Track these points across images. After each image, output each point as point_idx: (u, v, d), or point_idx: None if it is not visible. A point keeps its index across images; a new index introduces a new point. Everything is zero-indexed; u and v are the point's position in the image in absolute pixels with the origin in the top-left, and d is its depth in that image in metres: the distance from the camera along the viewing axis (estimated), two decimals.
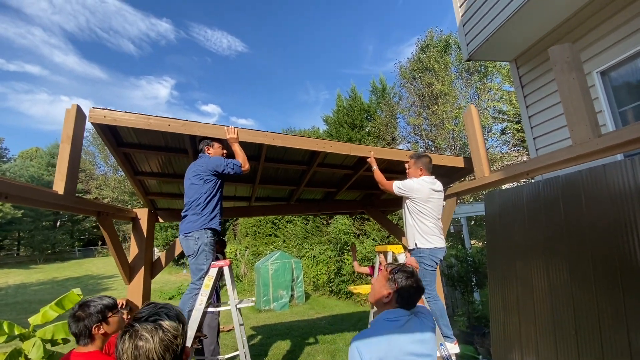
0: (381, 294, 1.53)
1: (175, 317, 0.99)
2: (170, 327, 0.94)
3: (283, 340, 6.35)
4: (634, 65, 3.16)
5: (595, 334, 2.73)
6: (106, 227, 2.96)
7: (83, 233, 38.23)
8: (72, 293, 3.41)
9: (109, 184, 36.76)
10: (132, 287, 3.48)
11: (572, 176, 3.06)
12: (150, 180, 3.71)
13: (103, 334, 1.68)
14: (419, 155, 3.10)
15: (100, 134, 2.66)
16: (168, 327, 0.94)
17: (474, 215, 9.44)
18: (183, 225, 2.68)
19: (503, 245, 3.88)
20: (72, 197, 2.44)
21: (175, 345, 0.93)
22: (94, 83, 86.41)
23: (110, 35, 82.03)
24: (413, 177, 3.01)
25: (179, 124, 2.62)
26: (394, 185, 2.99)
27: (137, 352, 0.88)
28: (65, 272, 22.06)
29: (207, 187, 2.68)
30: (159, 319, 0.94)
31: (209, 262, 2.63)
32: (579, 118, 2.21)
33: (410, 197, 2.93)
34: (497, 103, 12.02)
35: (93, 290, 14.60)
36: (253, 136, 2.86)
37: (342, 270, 10.74)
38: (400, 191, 2.96)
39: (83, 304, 1.72)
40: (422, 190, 2.89)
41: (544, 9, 3.51)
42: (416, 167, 3.06)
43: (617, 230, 2.63)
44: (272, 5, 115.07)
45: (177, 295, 12.61)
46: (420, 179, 2.97)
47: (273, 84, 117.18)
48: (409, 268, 1.60)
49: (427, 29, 15.92)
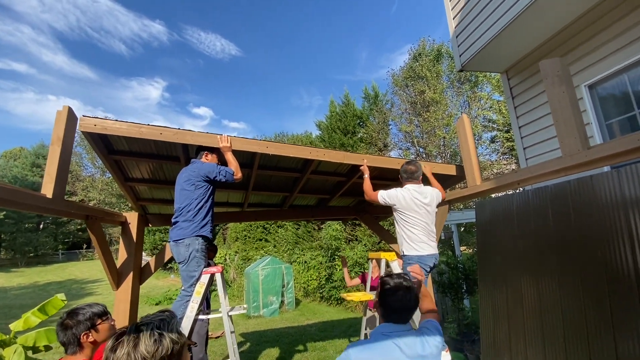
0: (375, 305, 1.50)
1: (176, 326, 0.98)
2: (172, 337, 0.93)
3: (273, 347, 6.26)
4: (621, 79, 3.28)
5: (583, 342, 2.78)
6: (95, 231, 2.89)
7: (67, 236, 37.15)
8: (56, 298, 3.30)
9: (96, 186, 35.99)
10: (120, 293, 3.39)
11: (561, 186, 3.14)
12: (142, 187, 3.66)
13: (92, 342, 1.63)
14: (403, 164, 3.12)
15: (91, 142, 2.62)
16: (169, 336, 0.92)
17: (464, 222, 9.56)
18: (173, 232, 2.63)
19: (493, 253, 3.93)
20: (61, 201, 2.38)
21: (174, 355, 0.91)
22: (83, 83, 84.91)
23: (101, 35, 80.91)
24: (396, 188, 3.04)
25: (171, 133, 2.59)
26: (379, 195, 2.99)
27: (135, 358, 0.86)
28: (48, 276, 21.38)
29: (199, 193, 2.63)
30: (161, 329, 0.93)
31: (200, 269, 2.59)
32: (568, 130, 2.27)
33: (394, 207, 2.94)
34: (487, 112, 12.28)
35: (77, 295, 14.18)
36: (246, 144, 2.84)
37: (333, 276, 10.70)
38: (385, 201, 2.96)
39: (71, 311, 1.67)
40: (405, 198, 2.89)
41: (534, 23, 3.62)
42: (400, 176, 3.09)
43: (604, 239, 2.70)
44: (266, 11, 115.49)
45: (164, 301, 12.35)
46: (405, 188, 2.97)
47: (266, 88, 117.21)
48: (392, 280, 1.50)
49: (420, 38, 16.24)
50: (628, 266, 2.52)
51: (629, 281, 2.50)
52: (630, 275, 2.50)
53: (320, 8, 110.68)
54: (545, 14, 3.49)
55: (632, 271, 2.49)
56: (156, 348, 0.88)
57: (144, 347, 0.87)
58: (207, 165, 2.69)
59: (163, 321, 0.96)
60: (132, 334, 0.90)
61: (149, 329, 0.92)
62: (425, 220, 2.92)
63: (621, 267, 2.56)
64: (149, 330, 0.91)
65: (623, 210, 2.57)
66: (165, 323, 0.96)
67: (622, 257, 2.56)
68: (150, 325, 0.93)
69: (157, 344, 0.89)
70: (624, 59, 3.15)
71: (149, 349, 0.87)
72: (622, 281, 2.54)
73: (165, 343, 0.90)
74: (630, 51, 3.10)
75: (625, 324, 2.50)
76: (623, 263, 2.55)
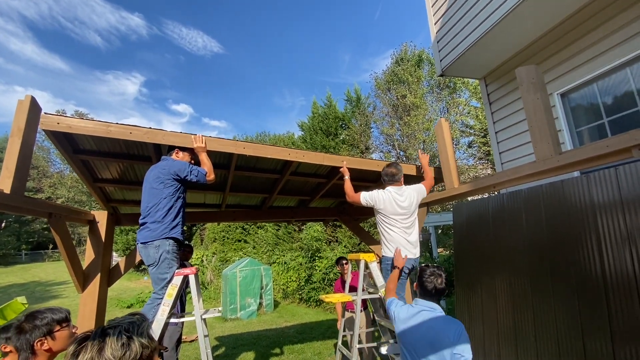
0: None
1: (146, 330, 0.90)
2: (142, 341, 0.85)
3: (249, 351, 6.14)
4: (591, 89, 3.44)
5: (552, 340, 2.87)
6: (58, 231, 2.71)
7: (32, 235, 35.01)
8: (16, 301, 3.06)
9: (65, 182, 34.23)
10: (86, 296, 3.20)
11: (534, 190, 3.25)
12: (112, 188, 3.48)
13: (47, 350, 1.50)
14: (384, 167, 3.13)
15: (54, 141, 2.47)
16: (138, 340, 0.85)
17: (441, 225, 9.79)
18: (141, 233, 2.48)
19: (469, 254, 4.03)
20: (21, 197, 2.21)
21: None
22: (54, 75, 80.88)
23: (75, 26, 77.53)
24: (378, 190, 3.04)
25: (142, 132, 2.47)
26: (361, 197, 2.99)
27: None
28: (9, 277, 20.05)
29: (168, 192, 2.49)
30: (130, 332, 0.85)
31: (172, 270, 2.47)
32: (542, 136, 2.34)
33: (376, 208, 2.95)
34: (465, 117, 12.65)
35: (40, 298, 13.36)
36: (222, 145, 2.75)
37: (312, 277, 10.64)
38: (367, 202, 2.96)
39: (30, 314, 1.53)
40: (386, 200, 2.90)
41: (512, 31, 3.74)
42: (382, 179, 3.10)
43: (573, 242, 2.81)
44: (250, 9, 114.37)
45: (136, 304, 11.85)
46: (386, 189, 2.99)
47: (249, 87, 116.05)
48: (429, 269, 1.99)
49: (402, 43, 16.52)
50: (595, 267, 2.63)
51: (597, 281, 2.61)
52: (598, 275, 2.61)
53: (305, 11, 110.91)
54: (522, 23, 3.62)
55: (599, 271, 2.60)
56: (123, 352, 0.81)
57: (110, 352, 0.80)
58: (177, 163, 2.55)
59: (133, 324, 0.89)
60: (98, 338, 0.82)
61: (116, 332, 0.84)
62: (404, 223, 2.93)
63: (589, 269, 2.67)
64: (117, 334, 0.84)
65: (591, 213, 2.69)
66: (135, 326, 0.89)
67: (591, 260, 2.67)
68: (118, 329, 0.86)
69: (124, 348, 0.82)
70: (594, 69, 3.30)
71: (116, 353, 0.80)
72: (590, 283, 2.65)
73: (134, 347, 0.83)
74: (600, 62, 3.27)
75: (593, 323, 2.60)
76: (591, 265, 2.66)
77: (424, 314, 1.89)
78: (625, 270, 2.42)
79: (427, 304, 1.93)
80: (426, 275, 1.96)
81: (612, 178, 2.55)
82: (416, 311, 1.93)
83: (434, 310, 1.91)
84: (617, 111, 3.21)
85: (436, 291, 1.92)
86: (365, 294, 3.26)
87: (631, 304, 2.36)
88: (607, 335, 2.48)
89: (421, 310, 1.92)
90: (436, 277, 1.94)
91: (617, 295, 2.46)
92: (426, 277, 1.95)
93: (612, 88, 3.27)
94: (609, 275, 2.53)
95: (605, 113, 3.31)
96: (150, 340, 0.90)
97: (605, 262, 2.56)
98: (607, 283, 2.53)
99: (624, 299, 2.41)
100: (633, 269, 2.37)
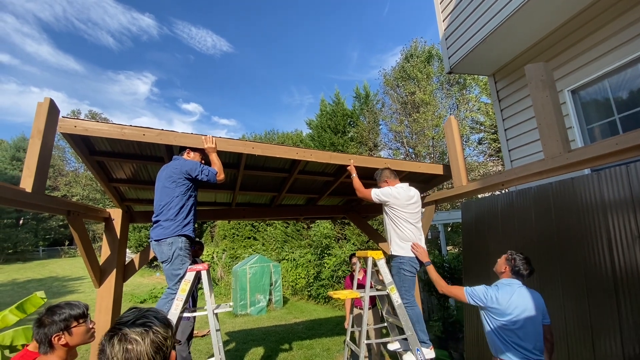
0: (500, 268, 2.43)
1: (164, 320, 0.96)
2: (160, 329, 0.91)
3: (259, 346, 6.24)
4: (602, 85, 3.38)
5: (562, 338, 2.86)
6: (76, 228, 2.82)
7: (48, 232, 36.02)
8: (35, 296, 3.21)
9: (80, 181, 35.08)
10: (102, 291, 3.32)
11: (543, 188, 3.22)
12: (126, 187, 3.59)
13: (64, 344, 1.56)
14: (379, 174, 3.16)
15: (72, 143, 2.56)
16: (158, 329, 0.91)
17: (450, 222, 9.71)
18: (155, 231, 2.54)
19: (478, 252, 4.02)
20: (42, 196, 2.31)
21: (165, 347, 0.90)
22: (68, 75, 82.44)
23: (88, 27, 78.86)
24: (389, 187, 3.06)
25: (154, 134, 2.54)
26: (372, 193, 3.01)
27: (127, 355, 0.84)
28: (27, 273, 20.73)
29: (180, 191, 2.56)
30: (148, 321, 0.92)
31: (185, 267, 2.55)
32: (551, 133, 2.33)
33: (389, 204, 2.97)
34: (475, 114, 12.48)
35: (57, 293, 13.80)
36: (232, 145, 2.80)
37: (321, 274, 10.71)
38: (379, 198, 2.99)
39: (50, 309, 1.61)
40: (400, 196, 2.93)
41: (521, 27, 3.69)
42: (382, 182, 3.11)
43: (583, 239, 2.79)
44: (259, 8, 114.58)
45: (149, 299, 12.14)
46: (397, 186, 3.01)
47: (257, 85, 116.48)
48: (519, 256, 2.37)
49: (412, 39, 16.35)
50: (606, 265, 2.61)
51: (607, 278, 2.59)
52: (608, 273, 2.59)
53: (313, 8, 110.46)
54: (531, 19, 3.57)
55: (610, 270, 2.57)
56: (142, 338, 0.88)
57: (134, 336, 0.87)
58: (189, 162, 2.62)
59: (150, 312, 0.96)
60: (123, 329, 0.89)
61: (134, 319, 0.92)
62: (414, 220, 2.97)
63: (599, 266, 2.65)
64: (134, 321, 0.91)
65: (602, 211, 2.66)
66: (153, 314, 0.96)
67: (601, 257, 2.65)
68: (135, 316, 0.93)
69: (143, 334, 0.88)
70: (606, 65, 3.24)
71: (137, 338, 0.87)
72: (601, 279, 2.63)
73: (151, 335, 0.89)
74: (611, 58, 3.20)
75: (603, 321, 2.59)
76: (602, 262, 2.64)
77: (522, 290, 2.26)
78: (636, 270, 2.40)
79: (517, 282, 2.31)
80: (519, 260, 2.36)
81: (623, 176, 2.53)
82: (515, 288, 2.27)
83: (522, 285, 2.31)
84: (629, 107, 3.15)
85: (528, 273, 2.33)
86: (373, 291, 3.29)
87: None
88: (617, 334, 2.46)
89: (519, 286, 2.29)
90: (526, 262, 2.35)
91: (628, 295, 2.44)
92: (519, 261, 2.35)
93: (623, 84, 3.20)
94: (619, 274, 2.50)
95: (616, 109, 3.25)
96: (168, 327, 0.95)
97: (615, 261, 2.54)
98: (617, 282, 2.51)
99: (635, 298, 2.39)
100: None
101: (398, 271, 2.94)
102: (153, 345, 0.87)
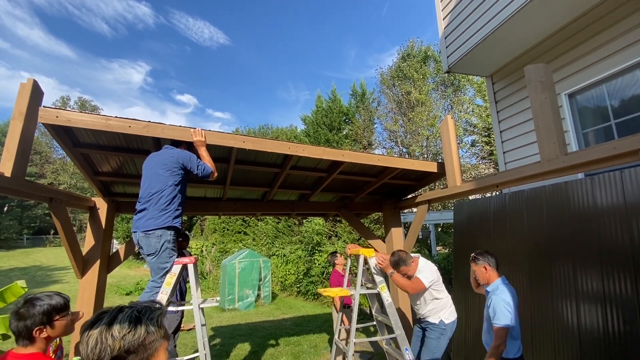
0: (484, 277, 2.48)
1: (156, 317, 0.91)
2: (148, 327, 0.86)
3: (246, 341, 6.18)
4: (599, 90, 3.39)
5: (549, 341, 2.87)
6: (59, 216, 2.71)
7: (34, 220, 35.25)
8: (16, 285, 3.08)
9: (67, 169, 34.33)
10: (85, 282, 3.22)
11: (536, 191, 3.22)
12: (112, 181, 3.49)
13: (45, 337, 1.50)
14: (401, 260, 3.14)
15: (54, 134, 2.45)
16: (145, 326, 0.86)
17: (441, 223, 9.77)
18: (141, 221, 2.38)
19: (469, 253, 4.01)
20: (21, 181, 2.20)
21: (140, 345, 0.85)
22: (60, 61, 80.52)
23: (82, 13, 76.94)
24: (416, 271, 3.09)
25: (141, 126, 2.44)
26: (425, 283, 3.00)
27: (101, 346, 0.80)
28: (11, 261, 20.23)
29: (173, 181, 2.46)
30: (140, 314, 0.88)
31: (172, 260, 2.46)
32: (548, 135, 2.31)
33: (434, 282, 3.04)
34: (469, 116, 12.55)
35: (41, 282, 13.49)
36: (222, 139, 2.72)
37: (311, 271, 10.68)
38: (432, 281, 3.03)
39: (29, 300, 1.52)
40: (434, 271, 3.08)
41: (520, 29, 3.68)
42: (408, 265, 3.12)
43: (574, 243, 2.79)
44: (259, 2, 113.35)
45: (135, 291, 11.94)
46: (421, 260, 3.14)
47: (253, 79, 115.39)
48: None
49: (409, 39, 16.34)
50: (596, 270, 2.61)
51: (597, 284, 2.59)
52: (597, 281, 2.59)
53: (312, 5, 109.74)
54: (531, 22, 3.55)
55: (599, 275, 2.58)
56: (128, 331, 0.83)
57: (117, 329, 0.82)
58: (186, 153, 2.55)
59: (146, 309, 0.91)
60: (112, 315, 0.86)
61: (128, 312, 0.87)
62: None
63: (589, 270, 2.66)
64: (128, 314, 0.87)
65: (594, 216, 2.66)
66: (148, 311, 0.90)
67: (592, 262, 2.65)
68: (132, 310, 0.88)
69: (130, 328, 0.84)
70: (604, 70, 3.25)
71: (122, 331, 0.82)
72: (591, 284, 2.64)
73: (139, 331, 0.85)
74: (610, 63, 3.21)
75: (592, 328, 2.59)
76: (592, 266, 2.64)
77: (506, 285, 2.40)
78: (624, 277, 2.40)
79: (501, 278, 2.44)
80: (490, 255, 2.48)
81: (617, 181, 2.53)
82: (506, 283, 2.41)
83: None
84: (626, 113, 3.17)
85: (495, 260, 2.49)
86: (363, 289, 3.26)
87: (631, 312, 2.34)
88: (604, 341, 2.47)
89: (506, 281, 2.42)
90: (489, 254, 2.52)
91: (614, 304, 2.45)
92: (491, 257, 2.47)
93: (621, 90, 3.21)
94: (607, 280, 2.51)
95: (613, 115, 3.26)
96: (158, 328, 0.90)
97: (604, 267, 2.54)
98: (605, 290, 2.52)
99: (621, 307, 2.40)
100: (634, 278, 2.35)
101: (439, 337, 3.01)
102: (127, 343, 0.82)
